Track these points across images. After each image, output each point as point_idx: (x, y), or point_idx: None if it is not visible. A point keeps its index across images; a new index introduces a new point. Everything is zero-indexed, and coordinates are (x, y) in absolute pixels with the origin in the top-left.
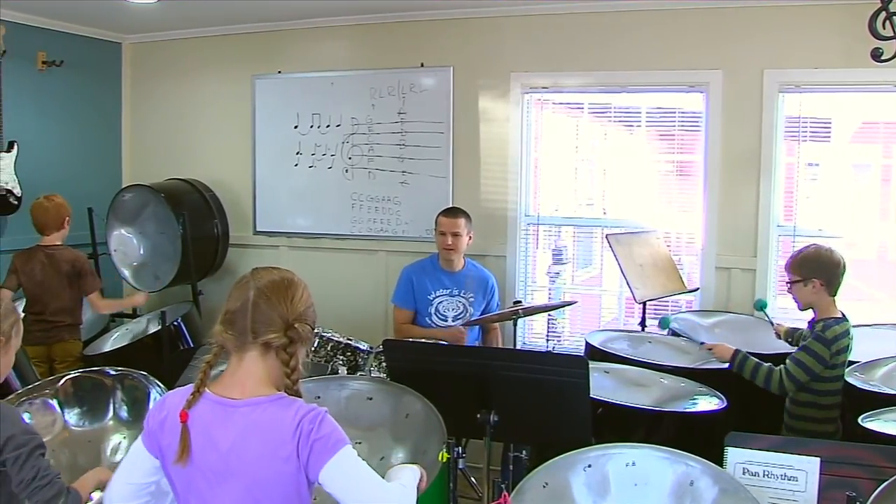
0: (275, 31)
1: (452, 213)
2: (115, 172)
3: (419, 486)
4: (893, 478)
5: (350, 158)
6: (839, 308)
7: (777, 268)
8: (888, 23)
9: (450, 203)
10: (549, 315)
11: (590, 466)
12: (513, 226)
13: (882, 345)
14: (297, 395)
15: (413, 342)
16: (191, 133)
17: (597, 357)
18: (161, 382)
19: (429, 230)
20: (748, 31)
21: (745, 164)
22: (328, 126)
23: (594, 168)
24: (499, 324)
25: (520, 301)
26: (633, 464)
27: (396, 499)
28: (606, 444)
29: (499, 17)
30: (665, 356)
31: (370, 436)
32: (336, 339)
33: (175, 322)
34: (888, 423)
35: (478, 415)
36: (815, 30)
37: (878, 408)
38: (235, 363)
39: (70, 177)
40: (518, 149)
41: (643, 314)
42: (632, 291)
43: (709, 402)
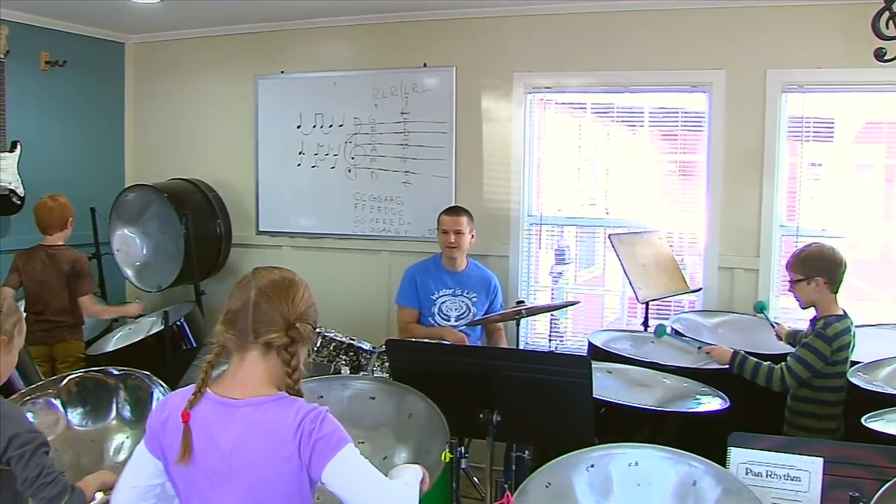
0: (277, 31)
1: (455, 212)
2: (118, 172)
3: (422, 487)
4: None
5: (353, 158)
6: (840, 306)
7: (780, 268)
8: (891, 23)
9: (453, 203)
10: (552, 315)
11: (593, 466)
12: (515, 226)
13: (885, 345)
14: (299, 395)
15: (416, 342)
16: (194, 133)
17: (599, 357)
18: (164, 382)
19: (431, 230)
20: (751, 31)
21: (748, 165)
22: (331, 126)
23: (597, 168)
24: (503, 326)
25: (523, 301)
26: (636, 464)
27: (400, 496)
28: (609, 445)
29: (501, 17)
30: (668, 356)
31: (373, 435)
32: (339, 339)
33: (178, 322)
34: (891, 424)
35: (480, 415)
36: (819, 30)
37: (882, 408)
38: (237, 363)
39: (73, 176)
40: (521, 149)
41: (646, 314)
42: (634, 291)
43: (712, 403)
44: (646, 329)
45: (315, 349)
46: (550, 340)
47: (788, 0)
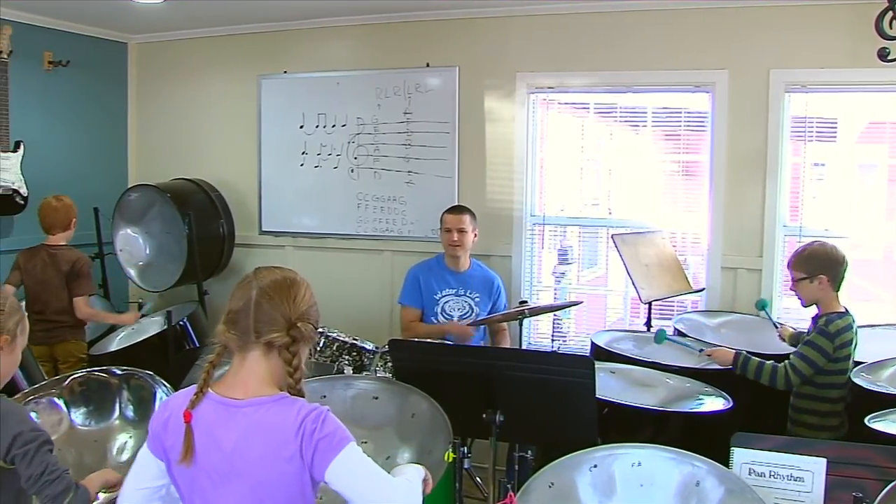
0: (280, 32)
1: (458, 210)
2: (121, 172)
3: (424, 488)
4: None
5: (356, 158)
6: (842, 304)
7: (783, 268)
8: (895, 23)
9: (456, 203)
10: (555, 315)
11: (595, 467)
12: (518, 226)
13: (888, 345)
14: (300, 395)
15: (419, 342)
16: (196, 133)
17: (602, 357)
18: (167, 382)
19: (434, 230)
20: (754, 31)
21: (751, 165)
22: (334, 126)
23: (600, 168)
24: (507, 324)
25: (525, 301)
26: (639, 464)
27: (403, 494)
28: (612, 445)
29: (504, 17)
30: (670, 356)
31: (376, 435)
32: (342, 339)
33: (181, 322)
34: (895, 424)
35: (483, 415)
36: (822, 29)
37: (885, 408)
38: (238, 363)
39: (76, 176)
40: (524, 149)
41: (649, 314)
42: (637, 292)
43: (714, 403)
44: (648, 329)
45: (318, 349)
46: (553, 340)
47: (791, 0)
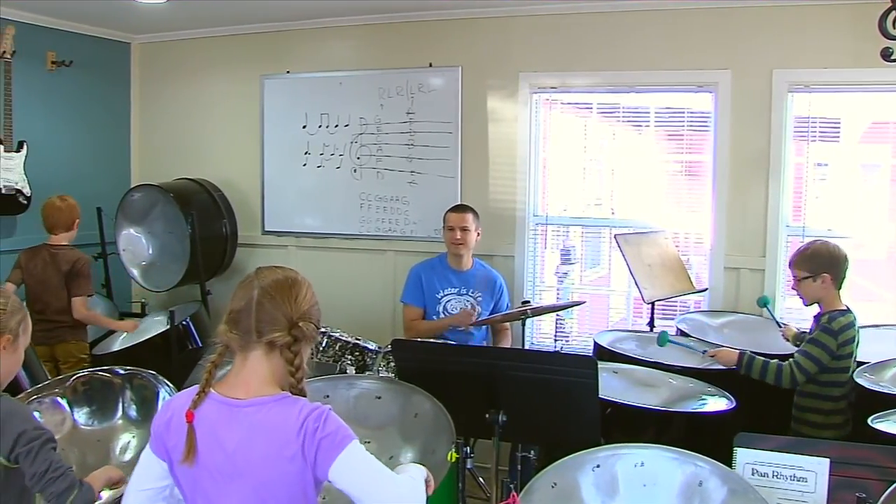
0: (283, 32)
1: (460, 209)
2: (124, 172)
3: (426, 490)
4: None
5: (358, 158)
6: (844, 302)
7: (786, 268)
8: None
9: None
10: (558, 315)
11: (598, 467)
12: (521, 226)
13: (891, 345)
14: (302, 395)
15: (422, 342)
16: (199, 133)
17: (605, 357)
18: (170, 382)
19: (437, 230)
20: (757, 31)
21: (754, 164)
22: (336, 126)
23: (602, 168)
24: (509, 325)
25: (528, 301)
26: (642, 464)
27: (407, 490)
28: (615, 445)
29: (507, 17)
30: (673, 356)
31: (379, 435)
32: (344, 339)
33: (183, 322)
34: None
35: (486, 415)
36: (825, 29)
37: (888, 409)
38: (240, 363)
39: (79, 176)
40: (526, 149)
41: (651, 314)
42: (640, 291)
43: (717, 403)
44: (651, 329)
45: (321, 349)
46: (556, 340)
47: (794, 0)
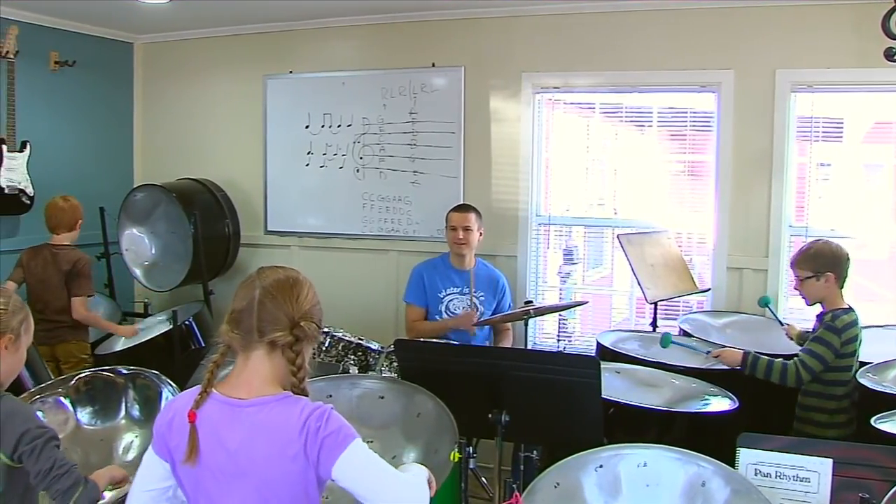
0: (286, 32)
1: (463, 209)
2: (127, 172)
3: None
4: None
5: (361, 158)
6: (846, 301)
7: (789, 268)
8: None
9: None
10: (560, 315)
11: (601, 467)
12: (524, 226)
13: (894, 346)
14: (304, 394)
15: (425, 342)
16: (202, 133)
17: (608, 357)
18: (173, 382)
19: (440, 230)
20: (760, 31)
21: (757, 165)
22: (339, 126)
23: (605, 168)
24: (511, 326)
25: (531, 301)
26: (645, 464)
27: (411, 488)
28: (618, 445)
29: (510, 17)
30: (676, 356)
31: (382, 435)
32: (347, 339)
33: (186, 321)
34: None
35: (489, 415)
36: (828, 29)
37: (891, 409)
38: (242, 363)
39: (82, 176)
40: (529, 149)
41: (654, 314)
42: (643, 292)
43: (720, 403)
44: (654, 329)
45: (323, 349)
46: (558, 340)
47: (797, 0)
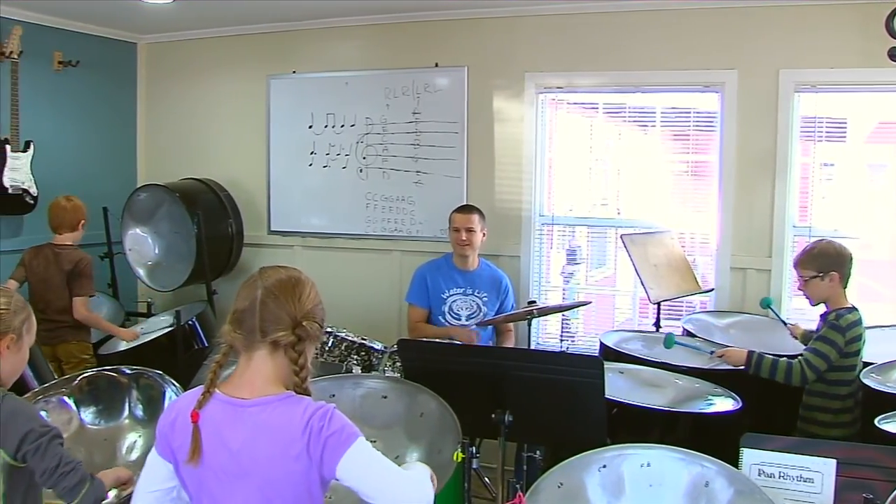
0: (289, 32)
1: (466, 210)
2: (131, 172)
3: None
4: None
5: (364, 158)
6: (849, 301)
7: (792, 268)
8: None
9: (464, 203)
10: (563, 315)
11: (605, 467)
12: (527, 226)
13: None
14: (306, 394)
15: (428, 342)
16: (205, 133)
17: (611, 357)
18: (176, 381)
19: (443, 230)
20: (764, 31)
21: (761, 165)
22: (342, 126)
23: (608, 168)
24: (513, 326)
25: (534, 301)
26: (648, 464)
27: (415, 484)
28: (621, 445)
29: (513, 17)
30: (679, 357)
31: (385, 434)
32: (350, 339)
33: (189, 321)
34: None
35: (492, 414)
36: (832, 29)
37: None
38: (244, 363)
39: (85, 176)
40: (532, 149)
41: (657, 315)
42: (646, 292)
43: (724, 403)
44: (657, 329)
45: (326, 349)
46: (562, 341)
47: (801, 0)
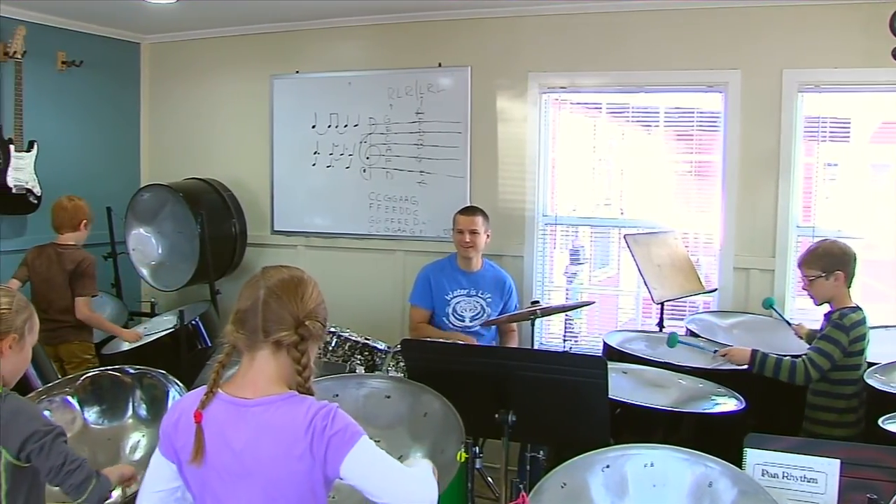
0: (293, 31)
1: (470, 212)
2: (134, 172)
3: None
4: None
5: (368, 158)
6: (853, 300)
7: (796, 269)
8: None
9: (468, 203)
10: (567, 315)
11: (608, 467)
12: (530, 226)
13: None
14: (309, 394)
15: (432, 342)
16: (209, 133)
17: (614, 357)
18: (179, 381)
19: (446, 230)
20: (767, 31)
21: (764, 165)
22: (346, 126)
23: (612, 168)
24: (516, 327)
25: (537, 301)
26: (652, 465)
27: (420, 482)
28: (625, 445)
29: (516, 17)
30: (683, 357)
31: (388, 434)
32: (353, 339)
33: (193, 321)
34: None
35: (496, 414)
36: (835, 29)
37: None
38: (247, 363)
39: (89, 176)
40: (535, 149)
41: (661, 315)
42: (650, 292)
43: (727, 403)
44: (661, 330)
45: (330, 349)
46: (565, 341)
47: (804, 0)
